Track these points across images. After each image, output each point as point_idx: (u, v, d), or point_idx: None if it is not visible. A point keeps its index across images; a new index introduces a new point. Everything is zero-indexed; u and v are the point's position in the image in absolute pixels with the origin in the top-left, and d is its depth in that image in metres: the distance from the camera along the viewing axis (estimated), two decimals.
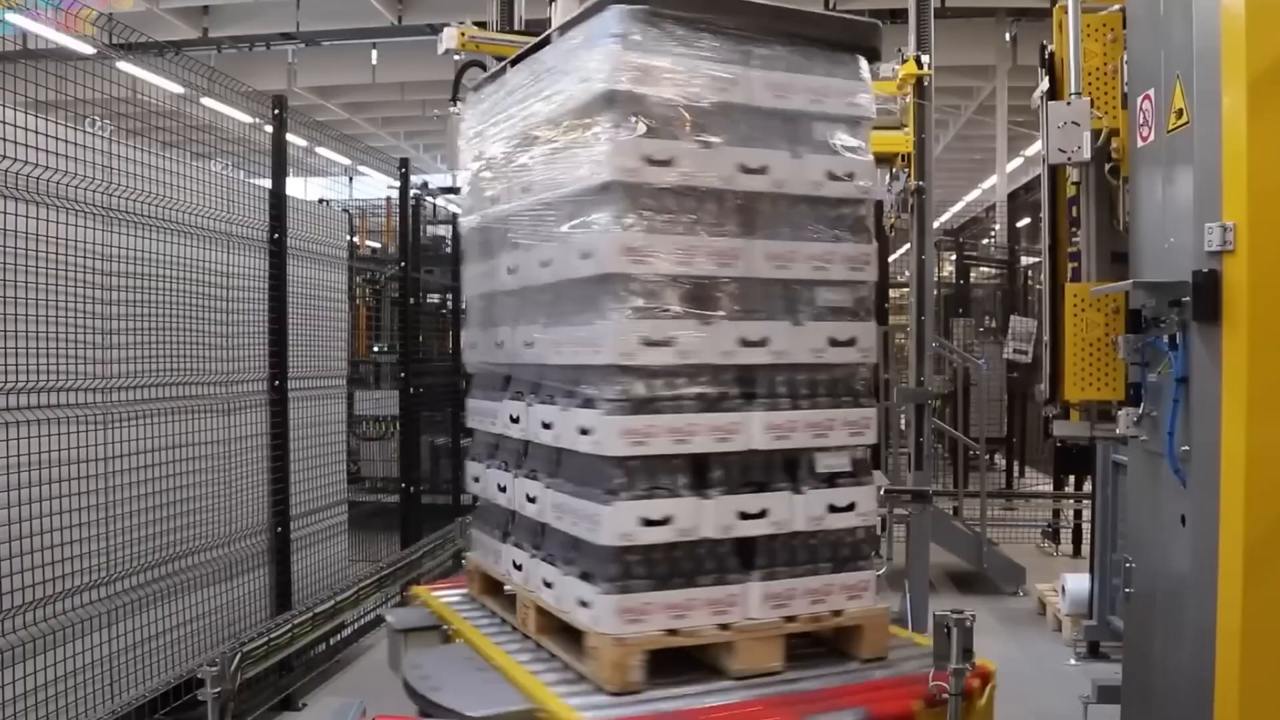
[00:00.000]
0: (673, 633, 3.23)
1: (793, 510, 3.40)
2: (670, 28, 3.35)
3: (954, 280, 15.02)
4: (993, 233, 18.75)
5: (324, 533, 6.87)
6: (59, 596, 4.32)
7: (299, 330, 6.37)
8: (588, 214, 3.37)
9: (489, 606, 4.10)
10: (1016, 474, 13.52)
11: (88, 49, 5.83)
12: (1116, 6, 4.66)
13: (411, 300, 8.66)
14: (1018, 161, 21.35)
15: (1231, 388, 3.16)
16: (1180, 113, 3.49)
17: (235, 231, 5.81)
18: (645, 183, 3.27)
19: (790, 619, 3.37)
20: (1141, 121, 3.87)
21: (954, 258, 15.23)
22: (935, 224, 10.42)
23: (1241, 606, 3.08)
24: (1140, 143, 3.91)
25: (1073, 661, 6.47)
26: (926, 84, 7.82)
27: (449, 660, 3.65)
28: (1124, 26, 4.51)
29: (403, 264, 8.66)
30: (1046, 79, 5.10)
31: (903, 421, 9.36)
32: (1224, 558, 3.15)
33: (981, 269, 16.27)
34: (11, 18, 9.53)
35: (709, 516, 3.28)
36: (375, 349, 12.15)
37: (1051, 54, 5.12)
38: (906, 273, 9.80)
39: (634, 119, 3.26)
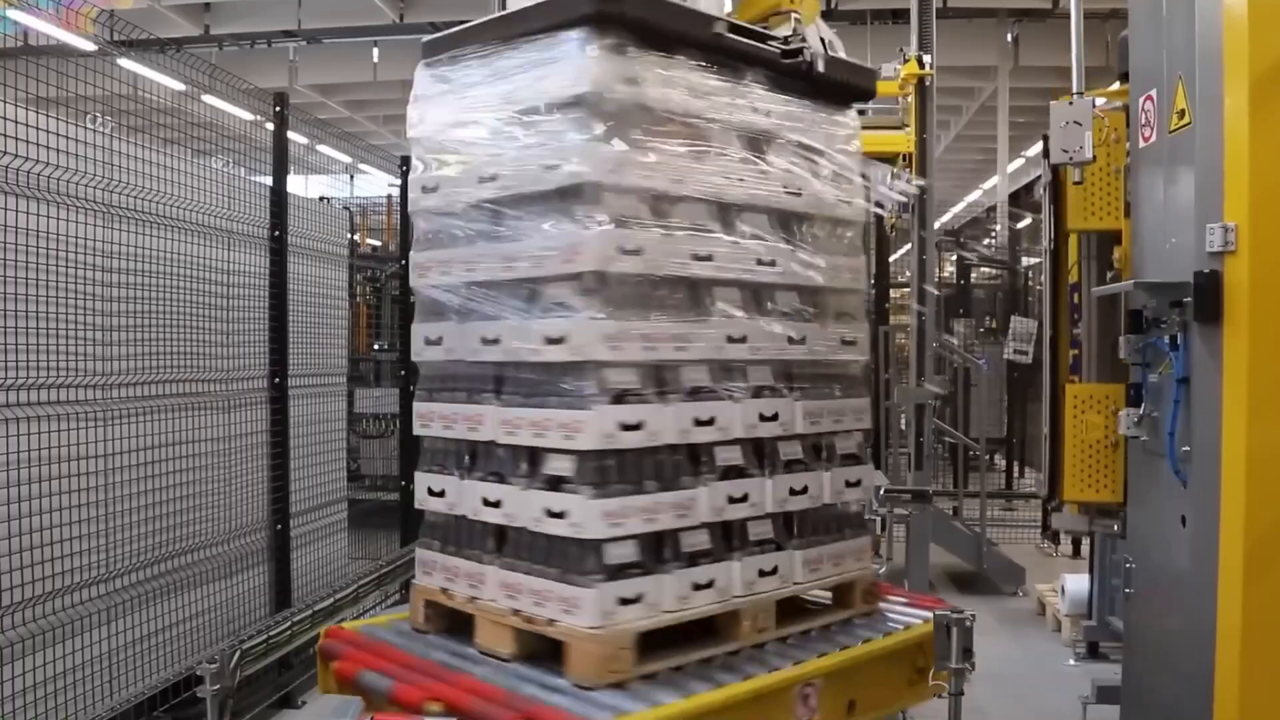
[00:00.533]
0: None
1: None
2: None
3: (954, 280, 15.01)
4: (993, 233, 18.74)
5: (323, 530, 6.87)
6: (58, 593, 4.31)
7: (299, 327, 6.36)
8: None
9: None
10: (1016, 474, 13.52)
11: (89, 46, 5.83)
12: (1120, 103, 4.62)
13: (412, 298, 8.64)
14: (1019, 162, 21.34)
15: (1232, 388, 3.16)
16: (1182, 113, 3.49)
17: (236, 228, 5.80)
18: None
19: None
20: (1143, 122, 3.87)
21: (955, 258, 15.22)
22: (936, 224, 10.41)
23: (1241, 607, 3.08)
24: (1142, 143, 3.91)
25: (1072, 662, 6.46)
26: (928, 84, 7.82)
27: None
28: (1126, 124, 4.51)
29: (403, 262, 8.64)
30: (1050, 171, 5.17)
31: (903, 421, 9.35)
32: (1224, 558, 3.15)
33: (982, 269, 16.26)
34: (13, 14, 9.52)
35: None
36: (375, 347, 12.15)
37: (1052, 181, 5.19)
38: (907, 273, 9.80)
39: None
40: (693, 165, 3.50)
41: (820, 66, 3.90)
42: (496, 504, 3.51)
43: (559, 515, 3.27)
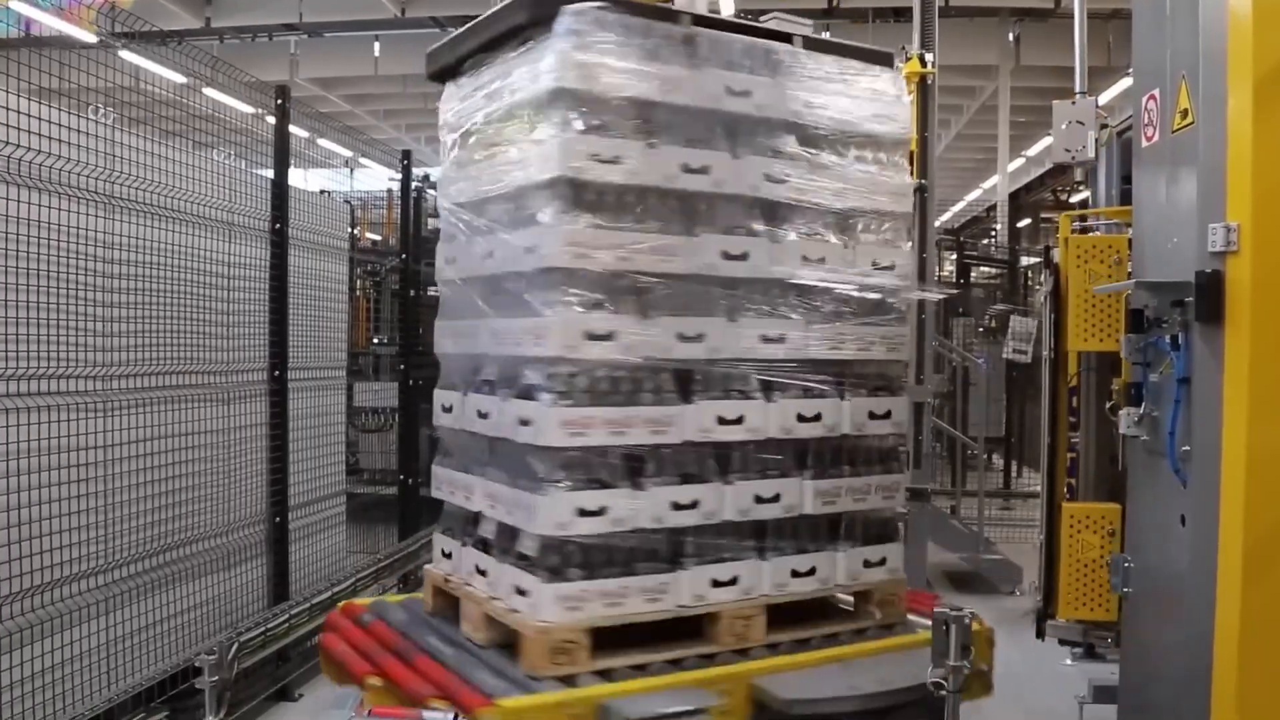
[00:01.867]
0: None
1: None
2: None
3: (954, 280, 15.01)
4: (993, 232, 18.74)
5: (322, 523, 6.87)
6: (57, 583, 4.32)
7: (299, 320, 6.36)
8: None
9: None
10: (1015, 474, 13.52)
11: (90, 38, 5.83)
12: (1130, 231, 4.62)
13: (412, 292, 8.65)
14: (1019, 161, 21.35)
15: (1233, 389, 3.15)
16: (1185, 113, 3.49)
17: (237, 221, 5.80)
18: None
19: None
20: (1146, 121, 3.86)
21: (954, 257, 15.22)
22: (936, 223, 10.41)
23: (1240, 607, 3.08)
24: (1144, 143, 3.90)
25: (1069, 662, 6.45)
26: (929, 82, 7.81)
27: None
28: (1129, 248, 4.53)
29: (403, 256, 8.65)
30: (1050, 280, 5.19)
31: None
32: (1223, 558, 3.15)
33: (982, 268, 16.26)
34: (15, 5, 9.53)
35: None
36: (375, 341, 12.14)
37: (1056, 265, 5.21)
38: None
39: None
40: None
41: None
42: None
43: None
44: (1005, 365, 11.70)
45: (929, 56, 7.71)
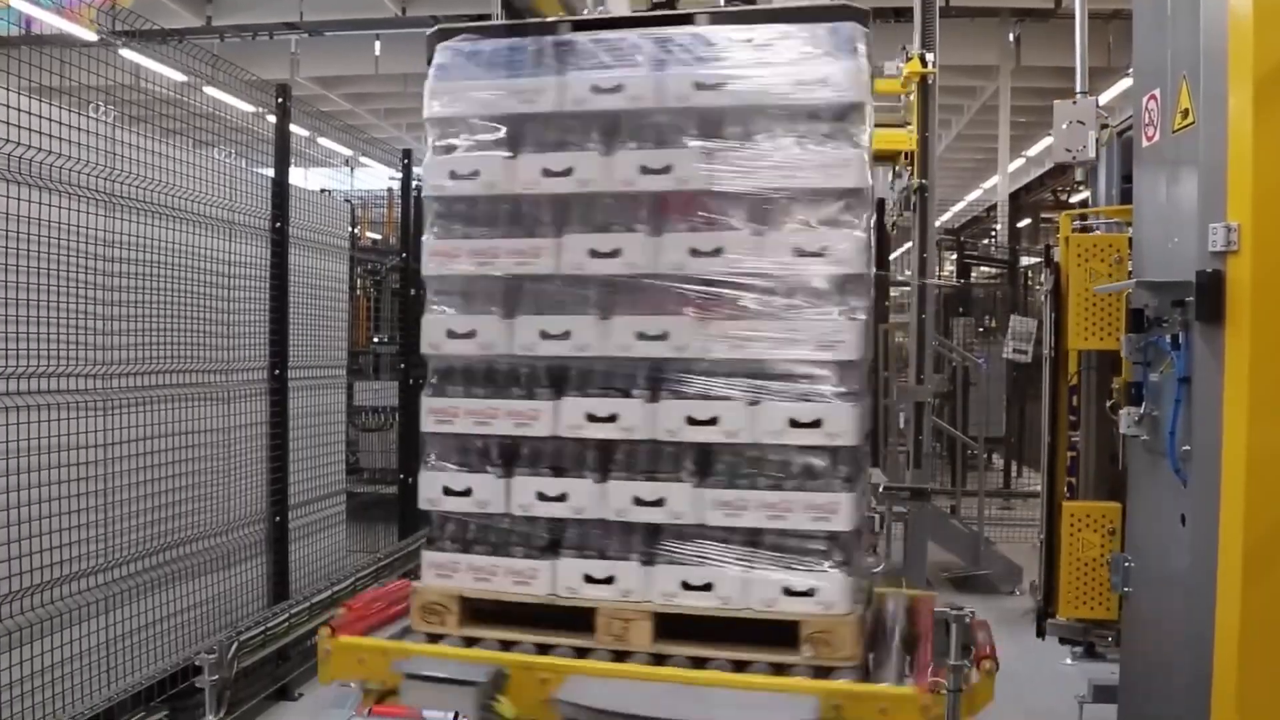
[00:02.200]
0: None
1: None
2: None
3: (954, 279, 15.02)
4: (993, 232, 18.75)
5: (322, 522, 6.87)
6: (57, 582, 4.32)
7: (300, 319, 6.36)
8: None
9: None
10: (1015, 473, 13.52)
11: (91, 36, 5.83)
12: (1130, 230, 4.61)
13: (412, 291, 8.65)
14: (1019, 162, 21.35)
15: (1233, 388, 3.15)
16: (1186, 113, 3.49)
17: (237, 219, 5.80)
18: None
19: None
20: (1147, 121, 3.87)
21: (955, 257, 15.22)
22: (937, 223, 10.43)
23: (1240, 607, 3.08)
24: (1145, 142, 3.91)
25: (1069, 661, 6.46)
26: (930, 82, 7.82)
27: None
28: (1129, 247, 4.52)
29: (404, 255, 8.65)
30: (1051, 279, 5.19)
31: (902, 420, 9.35)
32: (1223, 558, 3.15)
33: (982, 268, 16.27)
34: (16, 3, 9.53)
35: None
36: (375, 340, 12.14)
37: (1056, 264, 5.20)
38: (907, 271, 9.80)
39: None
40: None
41: None
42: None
43: None
44: (1005, 365, 11.70)
45: (930, 57, 7.73)
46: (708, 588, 3.38)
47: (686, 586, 3.39)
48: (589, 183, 3.51)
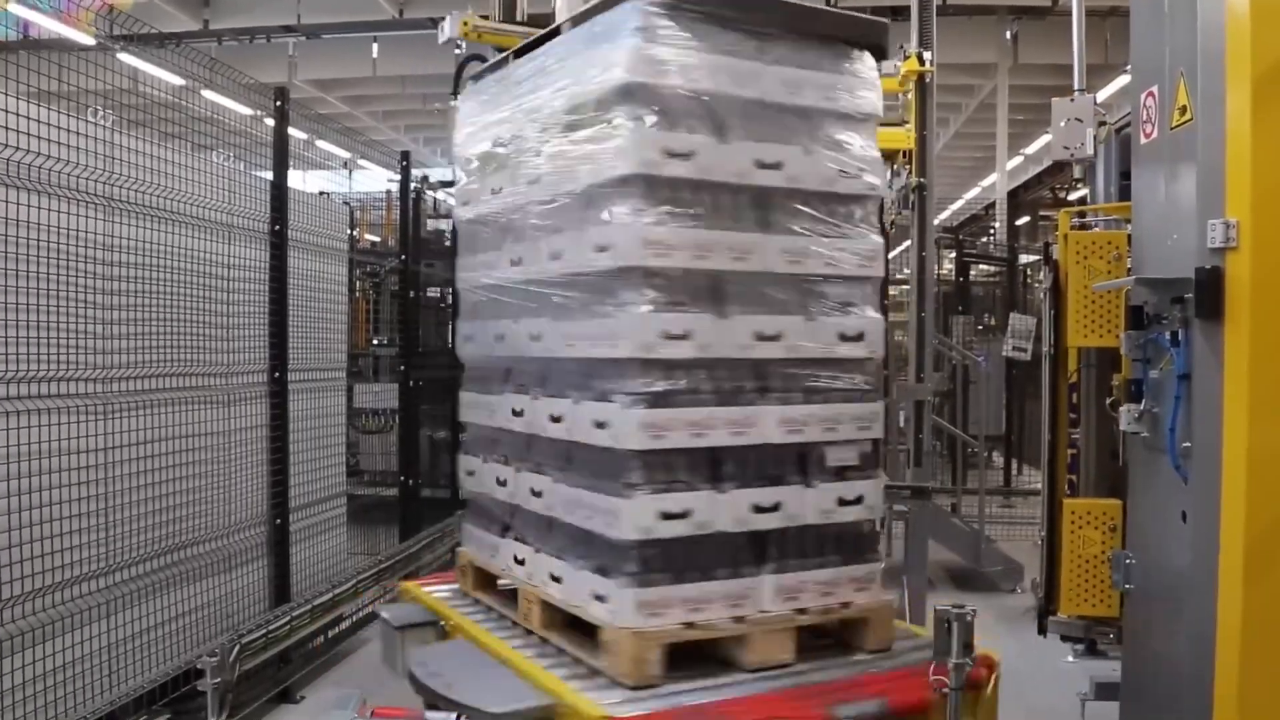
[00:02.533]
0: (690, 625, 3.24)
1: (804, 503, 3.41)
2: (689, 22, 3.34)
3: (954, 278, 15.01)
4: (992, 230, 18.75)
5: (323, 525, 6.87)
6: (58, 586, 4.31)
7: (299, 322, 6.36)
8: (605, 206, 3.36)
9: (484, 602, 4.09)
10: (1015, 471, 13.52)
11: (89, 40, 5.82)
12: (1129, 228, 4.60)
13: (411, 294, 8.66)
14: (1018, 160, 21.35)
15: (1233, 385, 3.15)
16: (1184, 109, 3.49)
17: (236, 223, 5.80)
18: (664, 175, 3.27)
19: (801, 611, 3.38)
20: (1145, 118, 3.86)
21: (954, 255, 15.22)
22: (935, 221, 10.42)
23: (1242, 604, 3.08)
24: (1143, 139, 3.90)
25: (1071, 659, 6.45)
26: (928, 81, 7.81)
27: (456, 656, 3.64)
28: (1128, 244, 4.52)
29: (403, 257, 8.65)
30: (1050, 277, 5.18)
31: (902, 418, 9.35)
32: (1225, 555, 3.15)
33: (981, 266, 16.26)
34: (13, 8, 9.53)
35: (723, 510, 3.29)
36: (375, 342, 12.14)
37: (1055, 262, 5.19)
38: (907, 270, 9.79)
39: (652, 111, 3.26)
40: None
41: None
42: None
43: None
44: (1005, 363, 11.71)
45: (927, 55, 7.71)
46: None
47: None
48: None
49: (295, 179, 6.67)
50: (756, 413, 3.38)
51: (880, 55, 3.82)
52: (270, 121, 6.25)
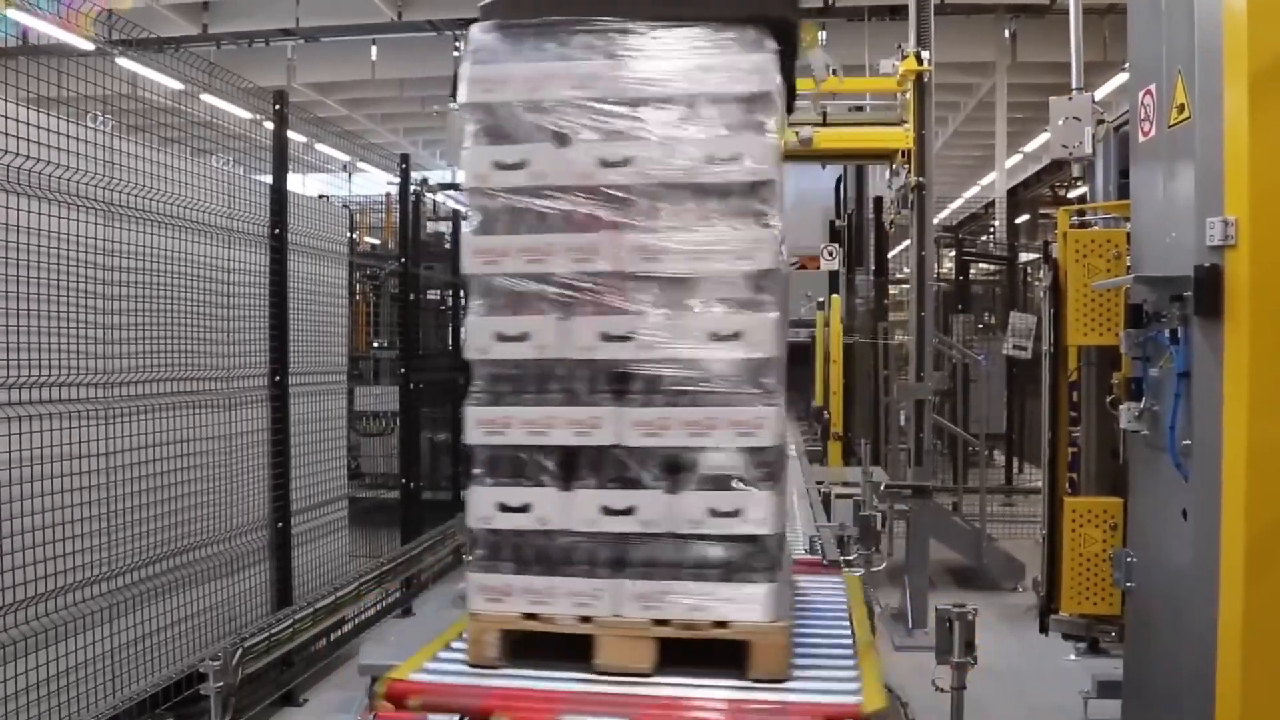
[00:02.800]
0: (531, 617, 3.23)
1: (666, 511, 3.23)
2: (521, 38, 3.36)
3: (953, 276, 15.03)
4: (992, 229, 18.77)
5: (324, 528, 6.87)
6: (62, 591, 4.32)
7: (299, 326, 6.37)
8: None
9: None
10: (1016, 470, 13.53)
11: (88, 45, 5.83)
12: (1128, 226, 4.59)
13: (411, 296, 8.67)
14: (1017, 158, 21.36)
15: (1233, 382, 3.16)
16: (1182, 108, 3.49)
17: (236, 227, 5.80)
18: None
19: (661, 622, 3.20)
20: (1143, 117, 3.87)
21: (953, 254, 15.24)
22: (935, 220, 10.43)
23: (1243, 601, 3.08)
24: (1141, 138, 3.91)
25: (1073, 657, 6.46)
26: (926, 80, 7.82)
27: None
28: (1127, 242, 4.52)
29: (403, 260, 8.66)
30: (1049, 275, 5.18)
31: (902, 418, 9.36)
32: (1225, 552, 3.16)
33: (981, 265, 16.27)
34: (12, 13, 9.53)
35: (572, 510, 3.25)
36: (375, 345, 12.15)
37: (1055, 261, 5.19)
38: (906, 269, 9.81)
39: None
40: None
41: None
42: None
43: None
44: (1006, 361, 11.71)
45: (925, 54, 7.72)
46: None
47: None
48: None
49: (295, 183, 6.67)
50: (605, 414, 3.25)
51: (779, 28, 3.55)
52: (269, 125, 6.26)
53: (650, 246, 3.26)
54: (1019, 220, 19.59)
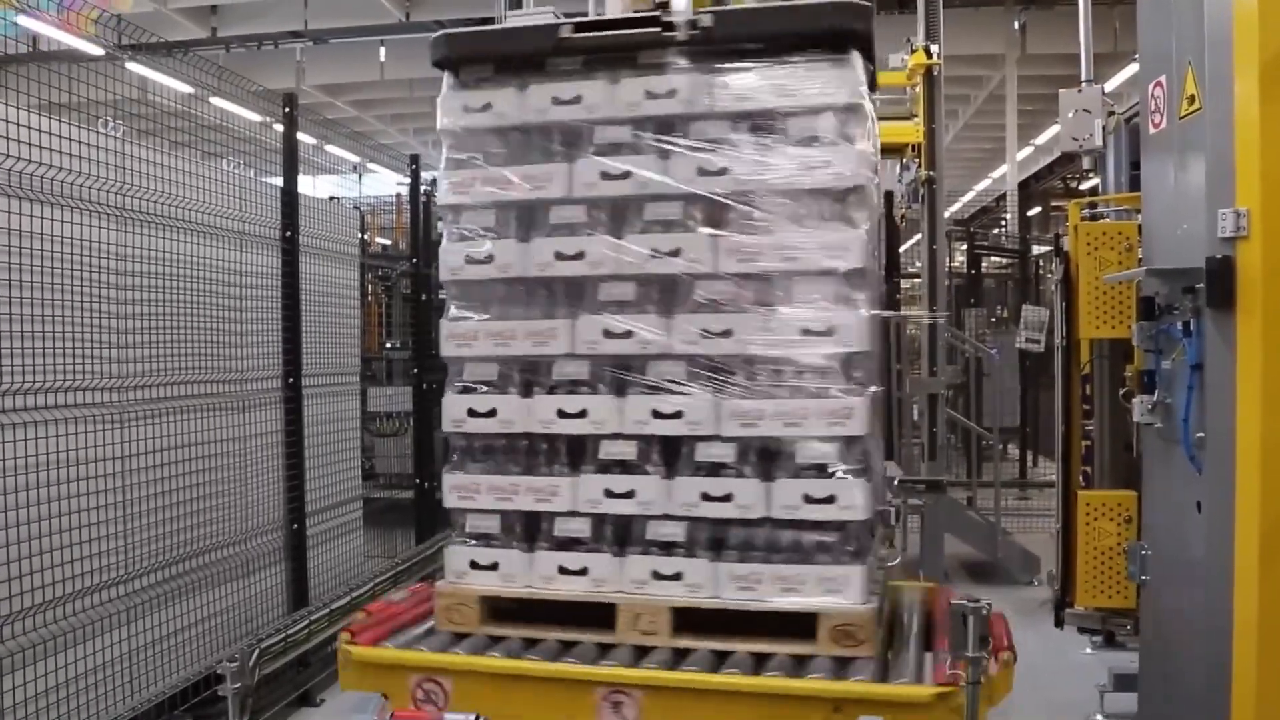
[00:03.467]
0: None
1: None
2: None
3: (965, 270, 14.99)
4: (1003, 222, 18.71)
5: (339, 529, 6.89)
6: (79, 594, 4.35)
7: (312, 327, 6.39)
8: None
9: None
10: (1030, 463, 13.49)
11: (97, 50, 5.85)
12: (1139, 218, 4.58)
13: (423, 296, 8.68)
14: (1028, 150, 21.29)
15: (1246, 374, 3.15)
16: (1192, 99, 3.48)
17: (247, 230, 5.82)
18: None
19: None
20: (1153, 108, 3.86)
21: (965, 247, 15.20)
22: (946, 214, 10.42)
23: (1258, 593, 3.08)
24: (1152, 129, 3.90)
25: (1088, 650, 6.45)
26: (936, 74, 7.81)
27: None
28: (1139, 235, 4.51)
29: (414, 260, 8.67)
30: (1061, 268, 5.16)
31: (915, 412, 9.35)
32: (1240, 544, 3.15)
33: (993, 258, 16.23)
34: (14, 17, 9.57)
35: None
36: (388, 345, 12.17)
37: (1066, 253, 5.17)
38: (918, 263, 9.79)
39: None
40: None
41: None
42: None
43: None
44: (1018, 355, 11.69)
45: (934, 48, 7.71)
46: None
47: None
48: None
49: (305, 184, 6.68)
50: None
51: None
52: (279, 127, 6.27)
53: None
54: (1030, 213, 19.50)
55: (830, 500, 3.32)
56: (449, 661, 3.41)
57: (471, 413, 3.62)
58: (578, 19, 3.68)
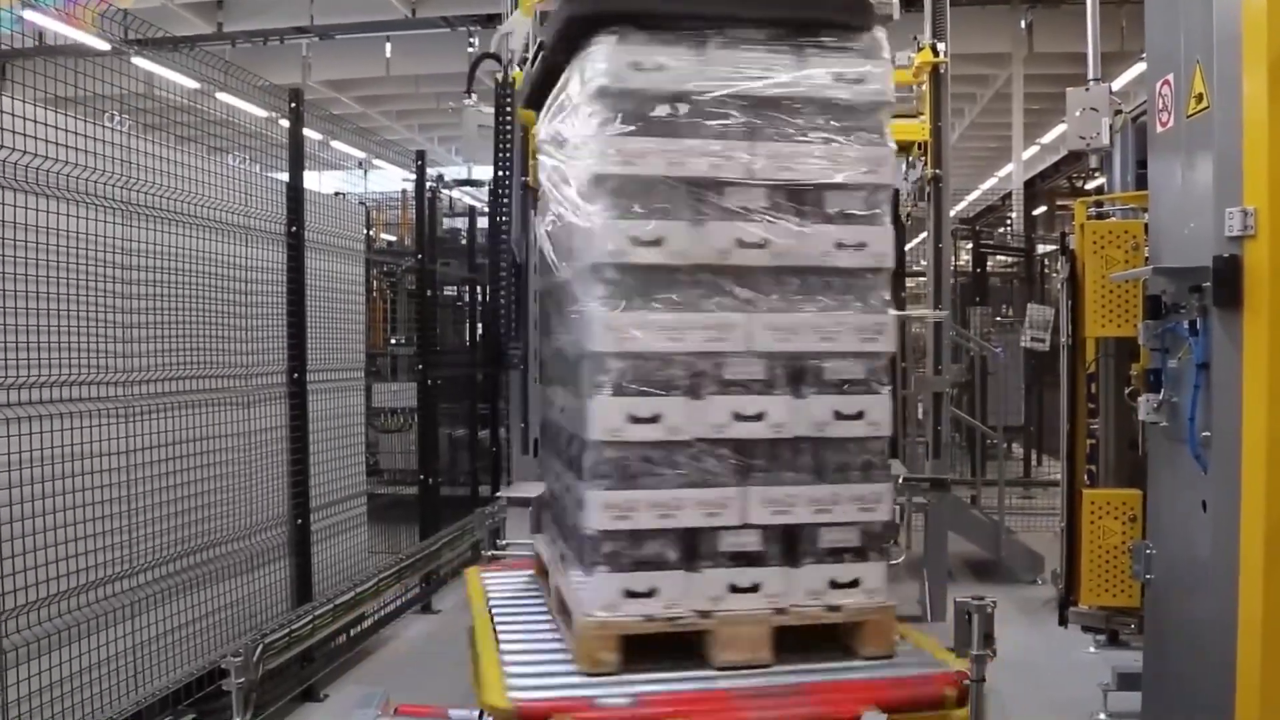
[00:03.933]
0: None
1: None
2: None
3: (971, 269, 14.97)
4: (1009, 220, 18.67)
5: (343, 524, 6.90)
6: (83, 589, 4.35)
7: (317, 323, 6.39)
8: None
9: None
10: (1035, 462, 13.47)
11: (104, 45, 5.86)
12: (1146, 217, 4.56)
13: (429, 292, 8.68)
14: (1034, 149, 21.25)
15: (1252, 373, 3.14)
16: (1200, 97, 3.47)
17: (253, 225, 5.82)
18: None
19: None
20: (1160, 107, 3.85)
21: (970, 246, 15.17)
22: (952, 212, 10.40)
23: (1263, 592, 3.07)
24: (1159, 128, 3.89)
25: (1092, 649, 6.44)
26: (942, 72, 7.79)
27: None
28: (1145, 233, 4.50)
29: (419, 256, 8.67)
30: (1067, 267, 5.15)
31: (920, 410, 9.34)
32: (1245, 544, 3.14)
33: (998, 257, 16.20)
34: (23, 13, 9.59)
35: None
36: (393, 341, 12.18)
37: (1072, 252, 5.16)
38: (923, 262, 9.77)
39: None
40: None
41: None
42: None
43: None
44: (1023, 353, 11.66)
45: (941, 46, 7.69)
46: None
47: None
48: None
49: (311, 180, 6.69)
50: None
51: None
52: (285, 123, 6.27)
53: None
54: (1036, 212, 19.50)
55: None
56: None
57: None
58: None
